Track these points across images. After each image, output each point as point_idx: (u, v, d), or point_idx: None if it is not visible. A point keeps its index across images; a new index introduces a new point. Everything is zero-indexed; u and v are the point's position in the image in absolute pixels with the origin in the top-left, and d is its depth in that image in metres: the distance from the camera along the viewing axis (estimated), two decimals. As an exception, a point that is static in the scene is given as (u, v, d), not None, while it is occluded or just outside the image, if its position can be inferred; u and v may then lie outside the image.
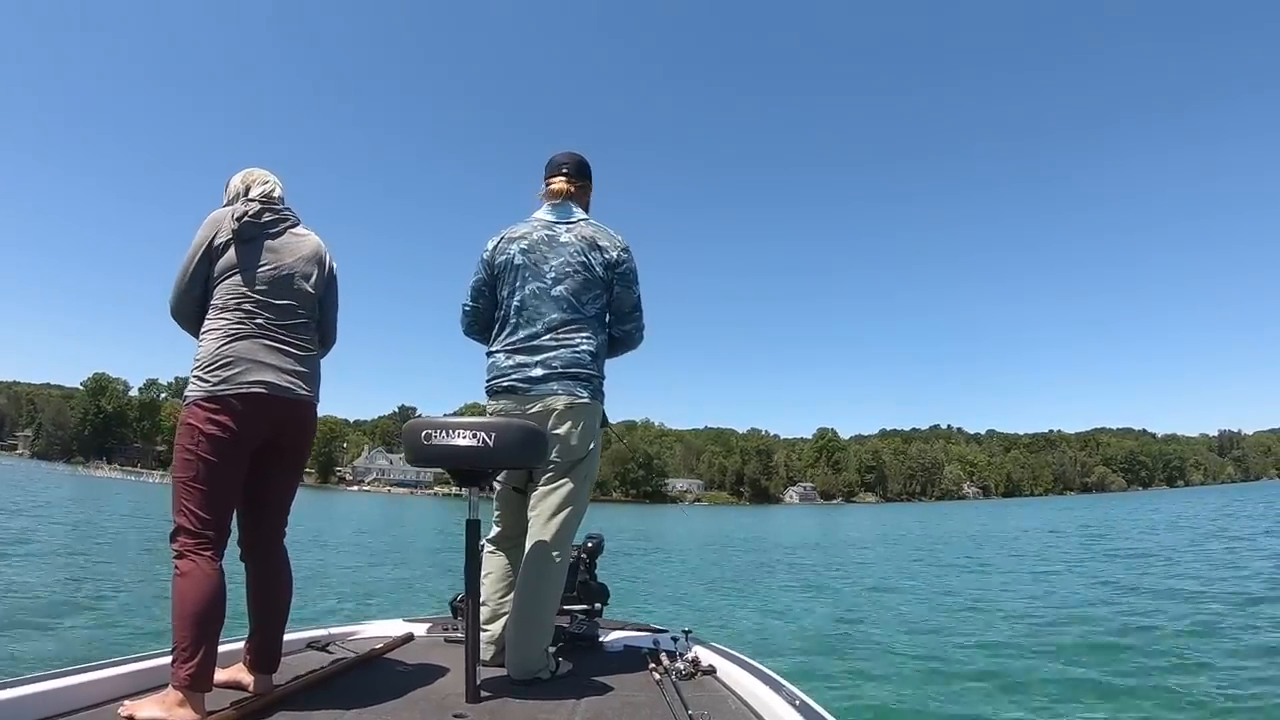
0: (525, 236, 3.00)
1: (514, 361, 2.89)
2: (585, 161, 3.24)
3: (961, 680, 7.48)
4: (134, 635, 8.46)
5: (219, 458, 2.36)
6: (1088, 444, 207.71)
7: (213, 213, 2.63)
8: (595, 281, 2.97)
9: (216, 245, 2.55)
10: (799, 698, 2.25)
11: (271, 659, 2.57)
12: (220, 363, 2.41)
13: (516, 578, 2.89)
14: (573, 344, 2.89)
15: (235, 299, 2.52)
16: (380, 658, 3.03)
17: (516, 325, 2.94)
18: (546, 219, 3.05)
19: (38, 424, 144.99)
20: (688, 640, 3.20)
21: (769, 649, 9.04)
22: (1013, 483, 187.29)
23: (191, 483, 2.34)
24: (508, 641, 2.77)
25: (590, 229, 3.03)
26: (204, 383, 2.40)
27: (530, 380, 2.85)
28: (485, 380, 2.97)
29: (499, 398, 2.90)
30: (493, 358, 2.97)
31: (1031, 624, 10.46)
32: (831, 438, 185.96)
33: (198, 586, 2.26)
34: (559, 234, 2.99)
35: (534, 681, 2.71)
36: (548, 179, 3.16)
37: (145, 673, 2.48)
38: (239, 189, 2.73)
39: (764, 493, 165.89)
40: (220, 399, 2.38)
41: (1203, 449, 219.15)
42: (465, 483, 2.61)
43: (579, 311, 2.93)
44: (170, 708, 2.14)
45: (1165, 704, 6.50)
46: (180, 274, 2.55)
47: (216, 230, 2.55)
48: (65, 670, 2.34)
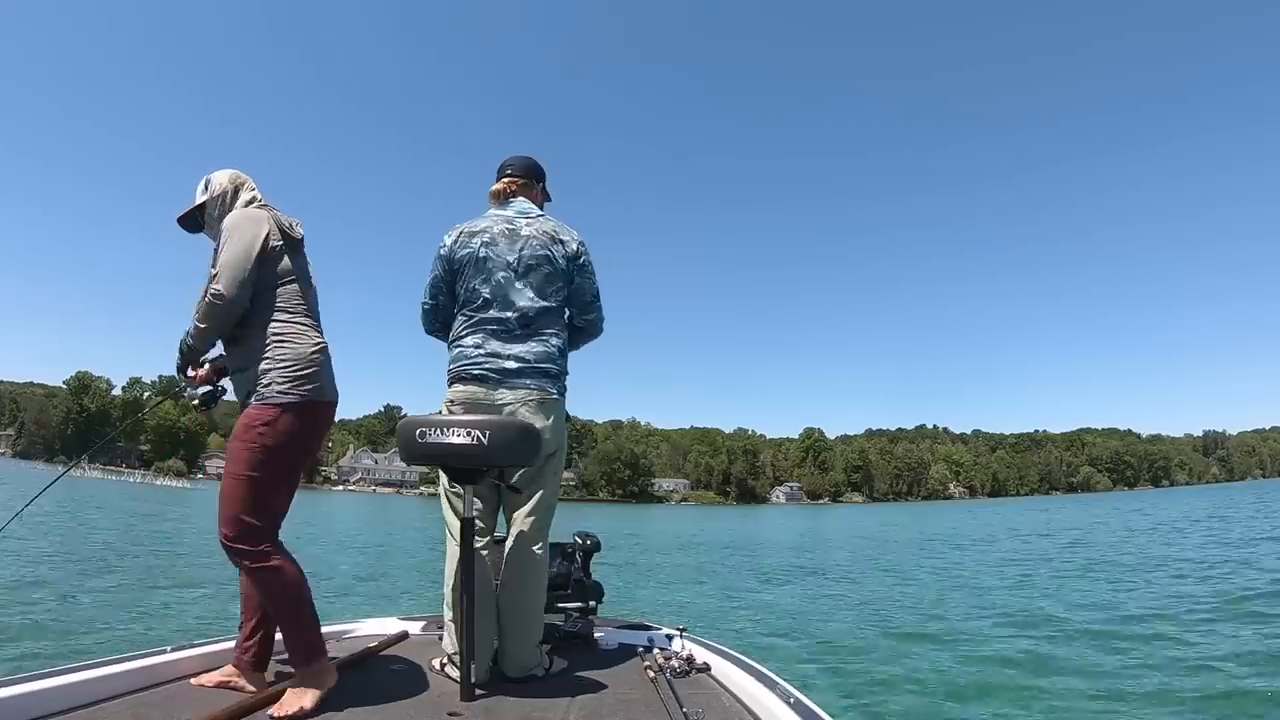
0: (486, 230, 3.00)
1: (486, 350, 2.88)
2: (532, 163, 3.27)
3: (952, 677, 7.50)
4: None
5: (296, 460, 2.51)
6: (1073, 444, 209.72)
7: (252, 209, 2.66)
8: (558, 274, 2.99)
9: (271, 247, 2.58)
10: (793, 695, 2.27)
11: (268, 659, 2.64)
12: (310, 370, 2.53)
13: (498, 573, 2.88)
14: (544, 338, 2.93)
15: (303, 306, 2.62)
16: (374, 656, 3.02)
17: (484, 316, 2.92)
18: (505, 214, 3.07)
19: (20, 422, 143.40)
20: (682, 638, 3.23)
21: (763, 646, 9.05)
22: (999, 483, 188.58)
23: (274, 483, 2.45)
24: (500, 639, 2.76)
25: (550, 223, 3.06)
26: (292, 386, 2.48)
27: (503, 372, 2.85)
28: (451, 365, 2.94)
29: (467, 384, 2.87)
30: (459, 345, 2.94)
31: (1022, 623, 10.45)
32: (818, 437, 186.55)
33: (298, 577, 2.43)
34: (519, 227, 3.00)
35: (528, 679, 2.72)
36: (502, 178, 3.21)
37: (144, 671, 2.50)
38: (227, 189, 2.72)
39: (751, 492, 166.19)
40: (309, 405, 2.51)
41: (1188, 449, 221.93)
42: (461, 481, 2.64)
43: (545, 303, 2.95)
44: (301, 692, 2.28)
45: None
46: (243, 262, 2.49)
47: (268, 230, 2.57)
48: (64, 669, 2.34)
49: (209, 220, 2.73)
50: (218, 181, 2.73)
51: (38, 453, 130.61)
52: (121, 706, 2.26)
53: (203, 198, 2.73)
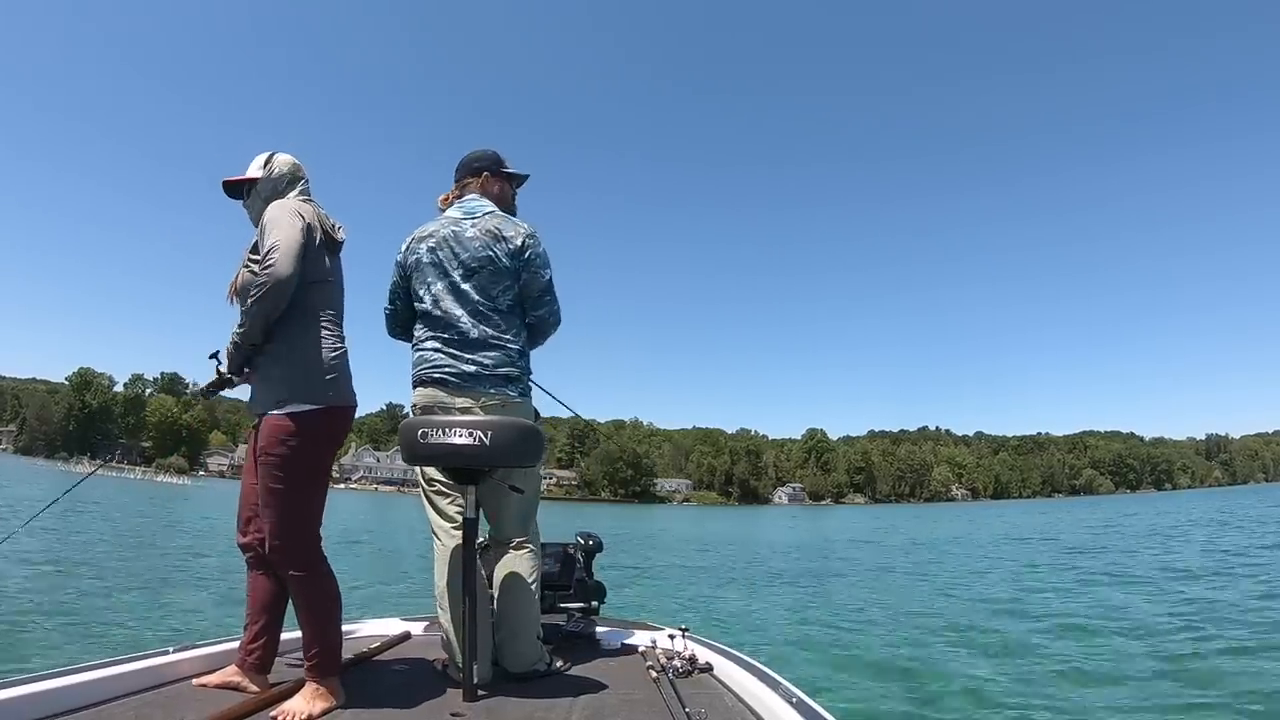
0: (433, 235, 2.99)
1: (445, 356, 2.86)
2: (473, 156, 3.21)
3: (955, 678, 7.40)
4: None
5: (329, 464, 2.55)
6: (1075, 446, 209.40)
7: (302, 203, 2.61)
8: (503, 272, 2.93)
9: (316, 241, 2.54)
10: (795, 695, 2.27)
11: (273, 661, 2.63)
12: (341, 375, 2.54)
13: (489, 572, 2.92)
14: (500, 343, 2.89)
15: (335, 312, 2.62)
16: (377, 656, 3.02)
17: (436, 322, 2.90)
18: (452, 215, 3.04)
19: (21, 419, 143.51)
20: (684, 638, 3.20)
21: (766, 647, 8.98)
22: (1001, 485, 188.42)
23: (315, 490, 2.47)
24: (500, 637, 2.78)
25: (495, 220, 2.99)
26: (324, 392, 2.46)
27: (461, 375, 2.83)
28: (413, 370, 2.93)
29: (428, 387, 2.86)
30: (419, 350, 2.93)
31: (1027, 624, 10.33)
32: (820, 438, 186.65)
33: (337, 590, 2.50)
34: (464, 229, 2.96)
35: (530, 677, 2.73)
36: (459, 179, 3.21)
37: (147, 672, 2.49)
38: (285, 175, 2.70)
39: (753, 493, 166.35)
40: (339, 410, 2.51)
41: (1190, 452, 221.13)
42: (462, 481, 2.64)
43: (492, 304, 2.91)
44: (312, 700, 2.28)
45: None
46: (297, 245, 2.43)
47: (312, 223, 2.54)
48: (66, 670, 2.33)
49: (254, 196, 2.68)
50: (280, 164, 2.69)
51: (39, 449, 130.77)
52: (124, 708, 2.24)
53: (259, 174, 2.67)
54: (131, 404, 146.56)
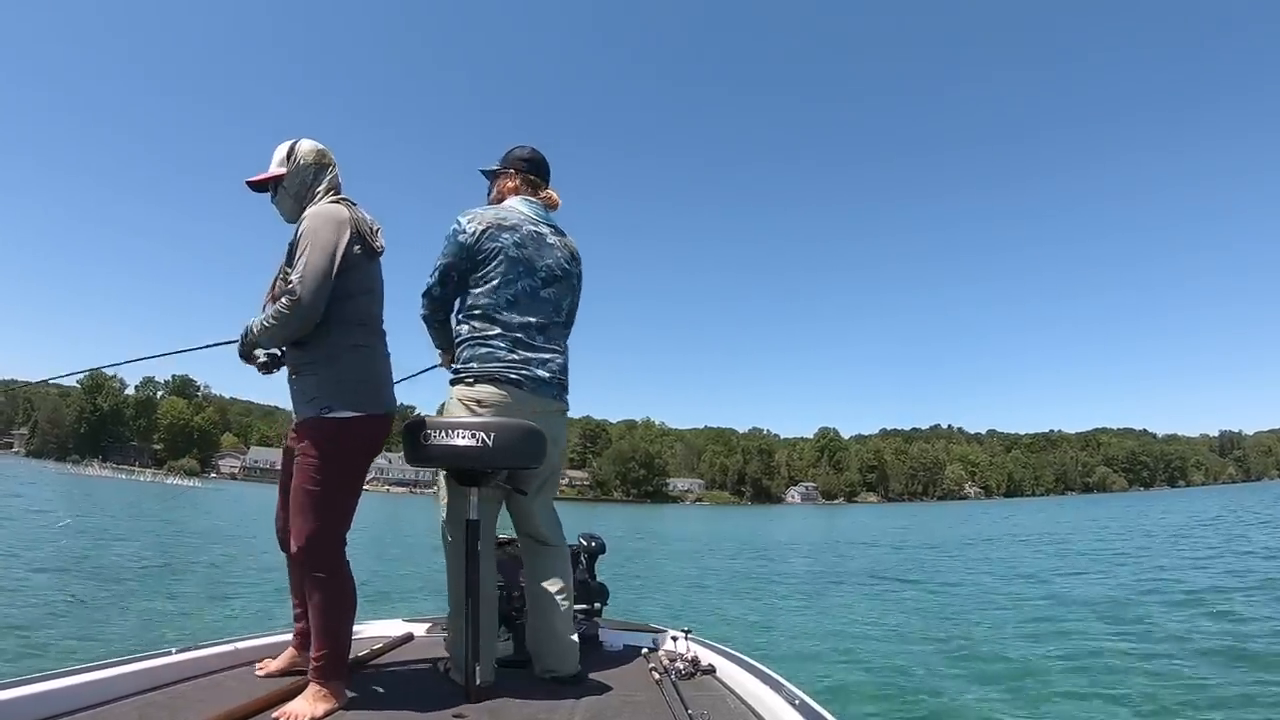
0: (516, 229, 2.88)
1: (518, 356, 2.81)
2: (546, 166, 3.15)
3: (961, 679, 7.30)
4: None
5: (364, 470, 2.59)
6: (1088, 444, 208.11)
7: (338, 208, 2.55)
8: (570, 289, 3.01)
9: (353, 254, 2.51)
10: (798, 697, 2.27)
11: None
12: (377, 383, 2.57)
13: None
14: (562, 351, 2.93)
15: (375, 320, 2.64)
16: (380, 657, 3.01)
17: (509, 321, 2.82)
18: (530, 214, 2.96)
19: (33, 422, 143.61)
20: (687, 640, 3.22)
21: (768, 649, 8.89)
22: (1014, 483, 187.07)
23: (347, 495, 2.50)
24: (546, 638, 2.78)
25: (571, 240, 3.05)
26: (369, 399, 2.51)
27: (536, 380, 2.81)
28: (479, 365, 2.80)
29: (501, 386, 2.77)
30: (488, 345, 2.80)
31: (1036, 624, 10.09)
32: (833, 437, 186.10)
33: (353, 596, 2.52)
34: (545, 235, 2.95)
35: (566, 680, 2.72)
36: (528, 174, 3.08)
37: (149, 673, 2.48)
38: (311, 165, 2.65)
39: (765, 492, 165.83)
40: (379, 418, 2.54)
41: (1203, 449, 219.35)
42: (465, 482, 2.63)
43: (559, 316, 2.95)
44: (314, 701, 2.29)
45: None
46: (326, 273, 2.41)
47: (349, 235, 2.50)
48: (69, 670, 2.33)
49: (283, 193, 2.64)
50: (304, 154, 2.63)
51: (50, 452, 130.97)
52: (127, 708, 2.24)
53: (282, 169, 2.62)
54: (143, 406, 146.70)
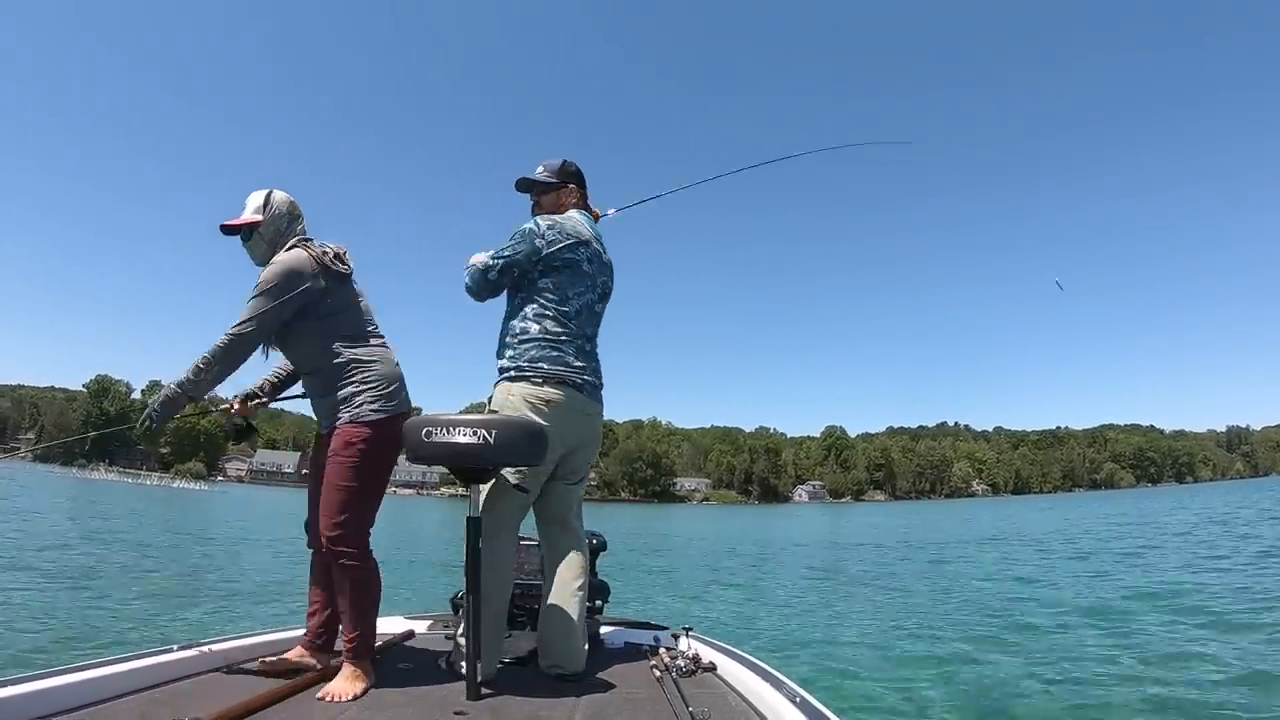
0: (588, 244, 3.00)
1: (582, 363, 2.93)
2: (583, 176, 3.27)
3: (962, 678, 7.25)
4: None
5: (389, 469, 2.78)
6: (1095, 440, 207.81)
7: (297, 255, 2.71)
8: (607, 304, 3.13)
9: (314, 289, 2.69)
10: (799, 694, 2.27)
11: (334, 642, 2.84)
12: (394, 386, 2.78)
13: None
14: (599, 362, 3.05)
15: (369, 328, 2.84)
16: (381, 654, 3.02)
17: (572, 328, 2.93)
18: (593, 232, 3.09)
19: (39, 426, 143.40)
20: (688, 637, 3.26)
21: (770, 646, 8.92)
22: (1021, 480, 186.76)
23: (372, 492, 2.70)
24: (557, 636, 2.81)
25: (610, 259, 3.14)
26: (387, 402, 2.72)
27: (593, 386, 2.96)
28: (549, 365, 2.85)
29: (570, 389, 2.87)
30: (559, 349, 2.88)
31: (1037, 624, 9.88)
32: (839, 436, 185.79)
33: (379, 582, 2.73)
34: (602, 252, 3.08)
35: (572, 677, 2.74)
36: (581, 189, 3.19)
37: (151, 670, 2.50)
38: (284, 215, 2.82)
39: (773, 491, 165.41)
40: (397, 419, 2.71)
41: (1211, 445, 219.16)
42: (466, 480, 2.62)
43: (598, 328, 3.09)
44: (352, 680, 2.51)
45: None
46: (265, 308, 2.61)
47: (306, 278, 2.67)
48: (70, 668, 2.33)
49: (257, 239, 2.79)
50: (279, 204, 2.80)
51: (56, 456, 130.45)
52: (129, 705, 2.25)
53: (258, 217, 2.78)
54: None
